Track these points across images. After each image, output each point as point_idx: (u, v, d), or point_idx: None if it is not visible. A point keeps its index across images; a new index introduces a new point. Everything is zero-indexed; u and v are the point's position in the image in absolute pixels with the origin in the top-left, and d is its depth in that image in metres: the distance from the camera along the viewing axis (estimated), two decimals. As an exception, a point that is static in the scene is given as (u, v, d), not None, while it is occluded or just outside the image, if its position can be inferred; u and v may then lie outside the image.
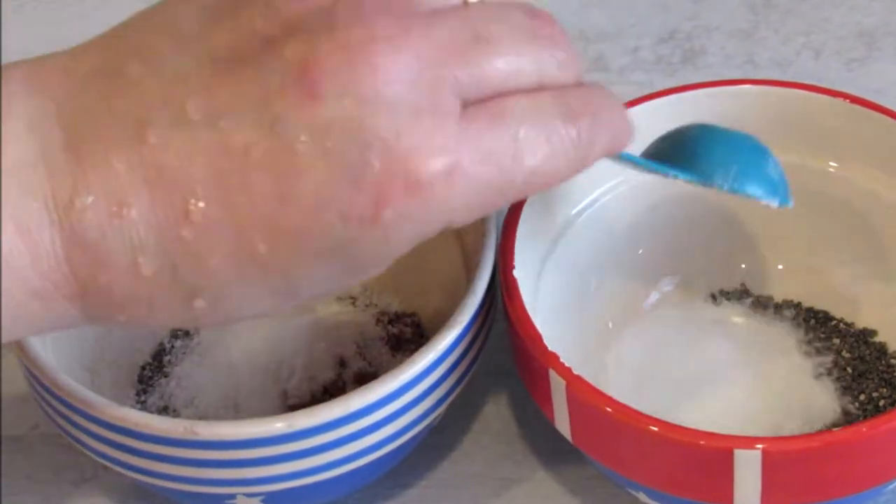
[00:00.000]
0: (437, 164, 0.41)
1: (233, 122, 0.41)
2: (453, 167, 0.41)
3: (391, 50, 0.41)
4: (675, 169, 0.49)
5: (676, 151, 0.50)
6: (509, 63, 0.44)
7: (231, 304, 0.43)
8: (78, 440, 0.51)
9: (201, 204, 0.40)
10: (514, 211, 0.55)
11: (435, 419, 0.52)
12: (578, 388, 0.49)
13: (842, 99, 0.57)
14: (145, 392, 0.59)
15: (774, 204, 0.50)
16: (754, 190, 0.50)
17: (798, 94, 0.58)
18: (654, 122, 0.56)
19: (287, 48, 0.41)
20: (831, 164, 0.59)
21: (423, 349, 0.50)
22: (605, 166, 0.57)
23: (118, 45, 0.43)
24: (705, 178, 0.49)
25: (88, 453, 0.51)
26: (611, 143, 0.46)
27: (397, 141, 0.41)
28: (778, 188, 0.51)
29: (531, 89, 0.44)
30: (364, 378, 0.57)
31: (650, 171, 0.50)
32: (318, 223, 0.41)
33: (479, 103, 0.43)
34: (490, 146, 0.42)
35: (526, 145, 0.43)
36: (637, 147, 0.50)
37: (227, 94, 0.41)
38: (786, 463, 0.47)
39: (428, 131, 0.41)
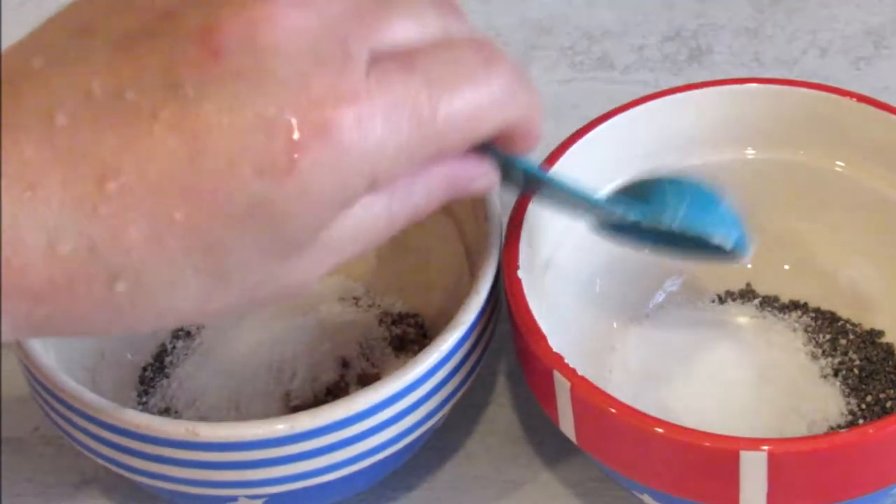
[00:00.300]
0: (345, 107, 0.41)
1: (138, 92, 0.40)
2: (363, 111, 0.41)
3: (293, 8, 0.41)
4: (626, 208, 0.50)
5: (630, 198, 0.50)
6: (417, 22, 0.44)
7: (155, 289, 0.41)
8: (79, 442, 0.51)
9: (114, 177, 0.40)
10: (518, 211, 0.54)
11: (439, 421, 0.52)
12: (583, 390, 0.49)
13: (848, 97, 0.57)
14: (146, 393, 0.58)
15: (728, 246, 0.50)
16: (704, 228, 0.49)
17: (804, 92, 0.58)
18: (660, 120, 0.56)
19: (189, 18, 0.41)
20: (838, 163, 0.58)
21: (427, 350, 0.50)
22: (609, 166, 0.57)
23: (21, 47, 0.43)
24: (654, 216, 0.49)
25: (89, 455, 0.51)
26: (530, 102, 0.46)
27: (304, 88, 0.40)
28: (731, 230, 0.50)
29: (443, 43, 0.44)
30: (367, 379, 0.57)
31: (604, 211, 0.51)
32: (232, 179, 0.40)
33: (389, 55, 0.43)
34: (401, 89, 0.42)
35: (442, 87, 0.43)
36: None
37: (131, 68, 0.41)
38: (792, 465, 0.47)
39: (334, 76, 0.41)
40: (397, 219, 0.45)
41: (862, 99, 0.57)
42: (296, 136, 0.40)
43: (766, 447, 0.46)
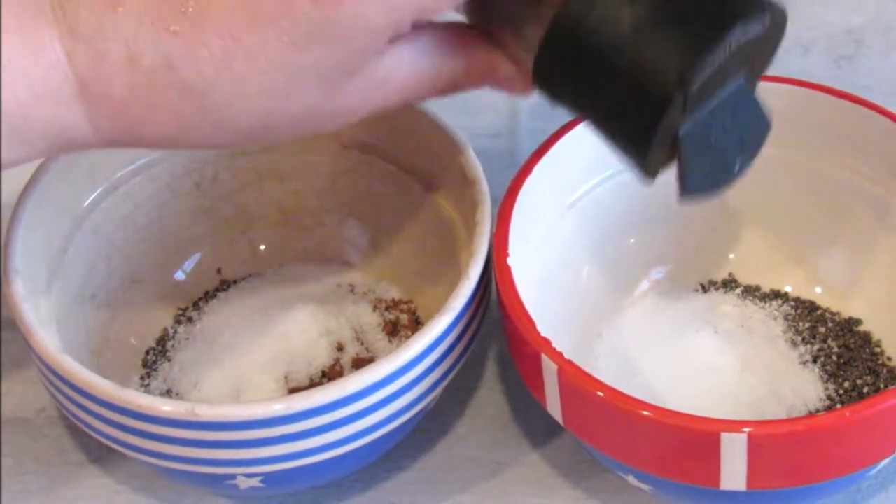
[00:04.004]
0: None
1: None
2: None
3: None
4: None
5: None
6: None
7: (223, 104, 0.45)
8: (83, 422, 0.52)
9: (191, 4, 0.44)
10: (509, 200, 0.55)
11: (429, 403, 0.53)
12: (570, 373, 0.49)
13: (827, 93, 0.58)
14: (149, 376, 0.59)
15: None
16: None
17: (784, 88, 0.58)
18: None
19: None
20: (818, 157, 0.59)
21: (418, 334, 0.51)
22: (600, 157, 0.58)
23: None
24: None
25: (94, 435, 0.52)
26: None
27: None
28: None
29: None
30: (361, 363, 0.58)
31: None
32: (292, 6, 0.44)
33: None
34: None
35: None
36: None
37: None
38: (771, 446, 0.47)
39: None
40: (441, 73, 0.48)
41: (840, 95, 0.58)
42: None
43: (746, 429, 0.47)
